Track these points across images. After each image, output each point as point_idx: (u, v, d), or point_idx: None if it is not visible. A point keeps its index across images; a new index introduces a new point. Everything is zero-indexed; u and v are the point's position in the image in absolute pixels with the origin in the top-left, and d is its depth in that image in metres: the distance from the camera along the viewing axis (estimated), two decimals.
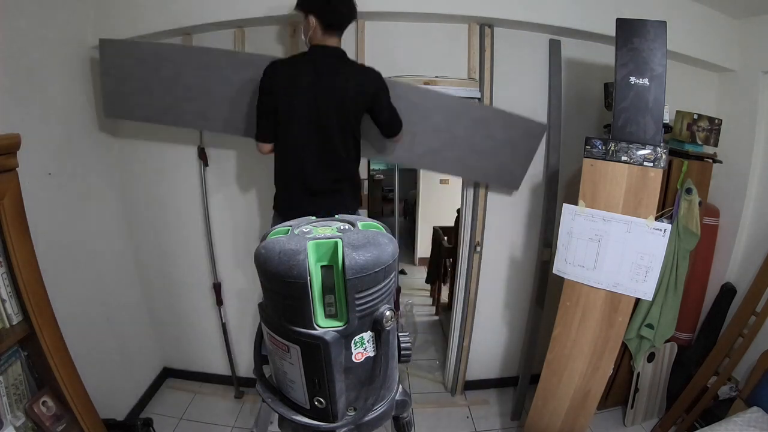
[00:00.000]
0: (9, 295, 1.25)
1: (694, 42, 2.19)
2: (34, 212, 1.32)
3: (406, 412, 0.64)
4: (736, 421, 1.80)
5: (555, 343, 1.95)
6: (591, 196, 1.78)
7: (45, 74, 1.82)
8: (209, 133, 2.23)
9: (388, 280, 0.52)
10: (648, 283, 1.72)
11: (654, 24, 1.64)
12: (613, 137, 1.72)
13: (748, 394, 1.99)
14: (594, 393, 1.93)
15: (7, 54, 1.62)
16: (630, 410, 2.35)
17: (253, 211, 2.38)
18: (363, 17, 2.04)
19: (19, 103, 1.68)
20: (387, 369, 0.55)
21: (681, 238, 2.02)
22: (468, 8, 2.04)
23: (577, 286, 1.85)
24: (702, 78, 2.38)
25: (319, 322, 0.49)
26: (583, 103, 2.32)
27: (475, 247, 2.43)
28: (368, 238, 0.50)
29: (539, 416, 2.09)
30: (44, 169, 1.81)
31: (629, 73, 1.68)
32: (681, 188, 2.01)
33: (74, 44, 1.99)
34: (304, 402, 0.54)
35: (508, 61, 2.22)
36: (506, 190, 2.37)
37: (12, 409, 1.29)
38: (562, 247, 1.87)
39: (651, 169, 1.67)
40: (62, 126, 1.93)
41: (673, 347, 2.35)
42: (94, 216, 2.16)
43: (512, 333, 2.67)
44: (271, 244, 0.49)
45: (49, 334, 1.32)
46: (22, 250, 1.25)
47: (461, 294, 2.55)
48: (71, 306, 1.88)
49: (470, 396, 2.73)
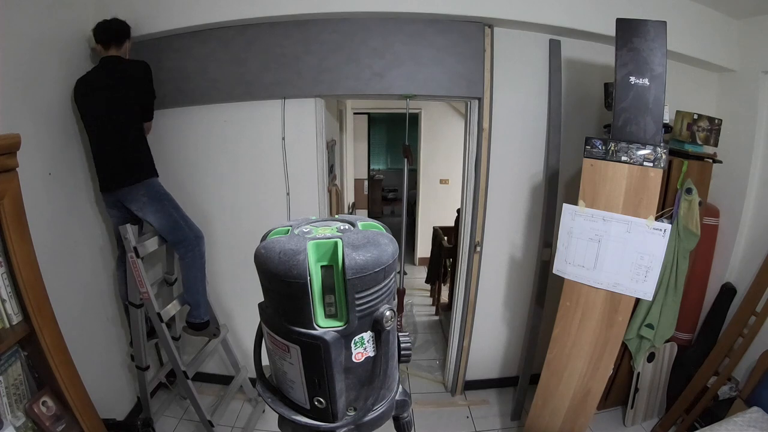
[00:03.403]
0: (9, 295, 1.25)
1: (694, 42, 2.19)
2: (34, 212, 1.32)
3: (406, 412, 0.64)
4: (736, 421, 1.80)
5: (555, 343, 1.95)
6: (591, 196, 1.78)
7: (45, 74, 1.82)
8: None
9: (388, 280, 0.51)
10: (648, 283, 1.72)
11: (654, 24, 1.64)
12: (613, 137, 1.72)
13: (748, 394, 1.99)
14: (594, 393, 1.93)
15: (7, 54, 1.62)
16: (630, 410, 2.35)
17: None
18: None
19: (19, 103, 1.68)
20: (387, 369, 0.55)
21: (681, 238, 2.02)
22: (468, 8, 2.04)
23: (577, 286, 1.85)
24: (702, 78, 2.38)
25: (319, 322, 0.49)
26: (583, 103, 2.32)
27: (475, 247, 2.43)
28: (368, 238, 0.50)
29: (539, 416, 2.09)
30: (44, 169, 1.81)
31: (629, 73, 1.68)
32: (681, 188, 2.01)
33: (74, 44, 1.99)
34: (304, 402, 0.54)
35: (508, 61, 2.22)
36: (470, 100, 2.31)
37: (12, 409, 1.29)
38: (562, 247, 1.87)
39: (651, 169, 1.67)
40: (62, 126, 1.93)
41: (673, 347, 2.35)
42: (95, 216, 2.16)
43: (512, 333, 2.67)
44: (271, 244, 0.49)
45: (49, 334, 1.32)
46: (22, 250, 1.25)
47: (461, 294, 2.56)
48: (71, 306, 1.88)
49: (470, 396, 2.73)
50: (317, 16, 2.08)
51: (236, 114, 2.28)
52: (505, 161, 2.36)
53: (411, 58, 2.14)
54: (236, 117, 2.28)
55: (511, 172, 2.39)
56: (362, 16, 2.09)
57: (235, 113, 2.27)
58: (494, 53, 2.20)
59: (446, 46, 2.14)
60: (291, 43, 2.12)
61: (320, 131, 2.32)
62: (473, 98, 2.27)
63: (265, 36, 2.12)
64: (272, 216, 2.36)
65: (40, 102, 1.80)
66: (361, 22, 2.10)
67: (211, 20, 2.07)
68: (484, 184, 2.35)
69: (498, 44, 2.19)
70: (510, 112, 2.29)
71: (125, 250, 1.95)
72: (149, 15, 2.07)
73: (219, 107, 2.27)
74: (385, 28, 2.11)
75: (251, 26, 2.11)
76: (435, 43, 2.13)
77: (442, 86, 2.19)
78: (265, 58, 2.15)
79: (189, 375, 2.10)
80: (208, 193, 2.40)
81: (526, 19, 2.07)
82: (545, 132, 2.33)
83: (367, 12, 2.05)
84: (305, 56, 2.14)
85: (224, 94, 2.22)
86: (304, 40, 2.12)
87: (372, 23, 2.11)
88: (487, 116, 2.26)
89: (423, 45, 2.13)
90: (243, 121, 2.29)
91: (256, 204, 2.40)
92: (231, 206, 2.42)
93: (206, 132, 2.31)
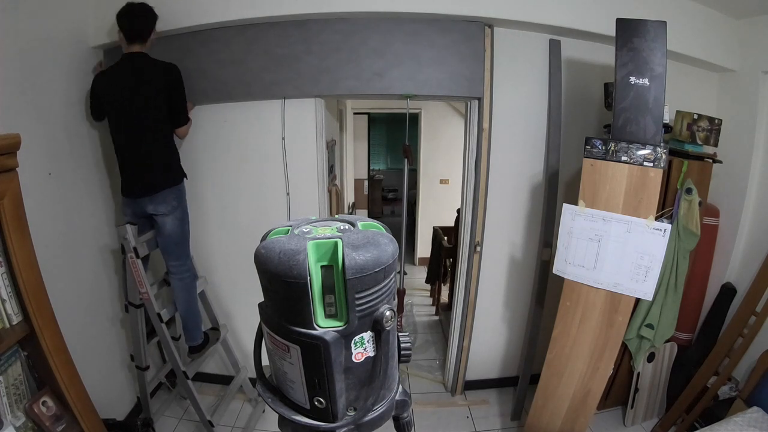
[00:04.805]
0: (9, 295, 1.24)
1: (694, 42, 2.19)
2: (34, 212, 1.32)
3: (406, 412, 0.64)
4: (736, 421, 1.80)
5: (555, 343, 1.95)
6: (591, 196, 1.78)
7: (45, 74, 1.82)
8: None
9: (389, 280, 0.51)
10: (648, 283, 1.72)
11: (654, 24, 1.64)
12: (613, 137, 1.72)
13: (748, 394, 1.99)
14: (594, 393, 1.93)
15: (8, 54, 1.62)
16: (630, 410, 2.35)
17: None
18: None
19: (19, 103, 1.68)
20: (387, 369, 0.55)
21: (681, 238, 2.02)
22: (468, 8, 2.04)
23: (577, 286, 1.85)
24: (702, 78, 2.38)
25: (319, 322, 0.49)
26: (583, 103, 2.32)
27: (475, 247, 2.43)
28: (368, 238, 0.50)
29: (539, 416, 2.09)
30: (44, 169, 1.81)
31: (629, 73, 1.68)
32: (681, 188, 2.01)
33: (74, 44, 1.99)
34: (304, 402, 0.54)
35: (508, 61, 2.22)
36: (470, 100, 2.30)
37: (12, 409, 1.29)
38: (562, 247, 1.87)
39: (651, 169, 1.67)
40: (62, 126, 1.93)
41: (673, 347, 2.35)
42: (95, 216, 2.16)
43: (512, 333, 2.67)
44: (271, 244, 0.49)
45: (49, 334, 1.32)
46: (22, 250, 1.25)
47: (461, 294, 2.55)
48: (71, 306, 1.88)
49: (470, 396, 2.73)
50: (317, 16, 2.08)
51: (236, 114, 2.28)
52: (505, 161, 2.36)
53: (411, 58, 2.14)
54: (236, 117, 2.28)
55: (511, 172, 2.39)
56: (362, 16, 2.09)
57: (235, 113, 2.28)
58: (494, 53, 2.20)
59: (446, 45, 2.14)
60: (291, 43, 2.12)
61: (320, 131, 2.32)
62: (473, 98, 2.27)
63: (265, 36, 2.12)
64: (272, 216, 2.36)
65: (40, 102, 1.80)
66: (361, 22, 2.10)
67: (211, 20, 2.07)
68: (484, 184, 2.35)
69: (498, 44, 2.19)
70: (510, 112, 2.29)
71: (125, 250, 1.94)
72: None
73: (219, 107, 2.27)
74: (385, 27, 2.11)
75: (251, 26, 2.11)
76: (435, 43, 2.13)
77: (442, 86, 2.19)
78: (265, 58, 2.15)
79: (189, 375, 2.11)
80: (209, 192, 2.40)
81: (526, 19, 2.07)
82: (545, 132, 2.33)
83: (367, 12, 2.05)
84: (305, 56, 2.14)
85: (224, 94, 2.22)
86: (304, 40, 2.12)
87: (372, 23, 2.10)
88: (487, 116, 2.26)
89: (423, 45, 2.13)
90: (243, 121, 2.29)
91: (256, 204, 2.40)
92: (231, 206, 2.42)
93: (206, 132, 2.31)
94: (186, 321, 2.16)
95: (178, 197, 2.00)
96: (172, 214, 1.97)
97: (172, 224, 1.99)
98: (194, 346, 2.21)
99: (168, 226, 1.99)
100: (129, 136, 1.90)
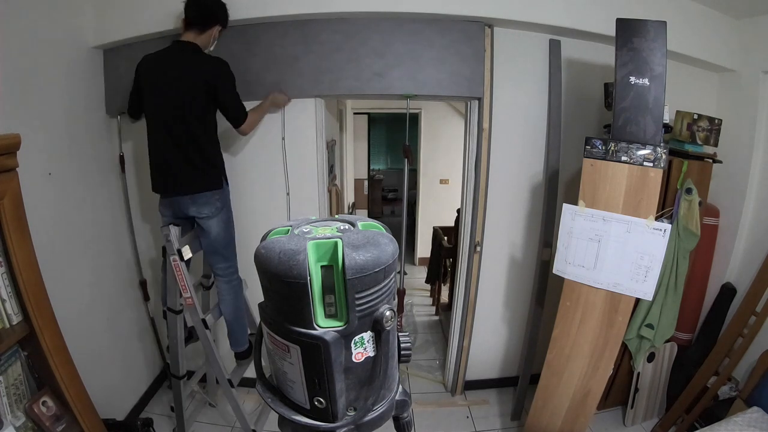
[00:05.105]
0: (9, 295, 1.24)
1: (694, 42, 2.19)
2: (34, 212, 1.32)
3: (406, 412, 0.64)
4: (736, 421, 1.80)
5: (555, 343, 1.95)
6: (591, 196, 1.78)
7: (45, 74, 1.82)
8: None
9: (388, 280, 0.52)
10: (648, 283, 1.72)
11: (654, 24, 1.64)
12: (613, 137, 1.72)
13: (748, 394, 1.99)
14: (594, 393, 1.93)
15: (7, 54, 1.62)
16: (630, 410, 2.35)
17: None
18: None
19: (19, 103, 1.68)
20: (387, 369, 0.55)
21: (681, 238, 2.02)
22: (468, 8, 2.04)
23: (577, 286, 1.85)
24: (702, 78, 2.38)
25: (319, 322, 0.49)
26: (583, 103, 2.32)
27: (475, 247, 2.43)
28: (368, 238, 0.50)
29: (539, 416, 2.09)
30: (44, 169, 1.81)
31: (629, 73, 1.68)
32: (681, 188, 2.01)
33: (74, 44, 1.99)
34: (304, 402, 0.54)
35: (508, 61, 2.22)
36: (471, 100, 2.30)
37: (12, 409, 1.29)
38: (562, 247, 1.87)
39: (651, 169, 1.67)
40: (62, 126, 1.93)
41: (673, 347, 2.35)
42: (94, 216, 2.16)
43: (512, 333, 2.67)
44: (271, 244, 0.49)
45: (49, 334, 1.32)
46: (22, 250, 1.25)
47: (461, 294, 2.56)
48: (71, 306, 1.88)
49: (470, 396, 2.73)
50: (317, 16, 2.07)
51: None
52: (505, 161, 2.36)
53: (411, 58, 2.14)
54: None
55: (511, 172, 2.39)
56: (362, 16, 2.09)
57: None
58: (494, 53, 2.20)
59: (446, 45, 2.14)
60: (291, 43, 2.12)
61: (320, 131, 2.32)
62: (473, 98, 2.27)
63: (266, 36, 2.12)
64: (272, 216, 2.36)
65: (40, 102, 1.80)
66: (361, 22, 2.10)
67: None
68: (484, 184, 2.35)
69: (498, 44, 2.19)
70: (510, 112, 2.29)
71: (167, 252, 1.81)
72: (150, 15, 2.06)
73: None
74: (385, 28, 2.11)
75: (251, 26, 2.11)
76: (435, 43, 2.13)
77: (443, 86, 2.19)
78: (265, 58, 2.15)
79: (234, 383, 2.00)
80: None
81: (526, 19, 2.07)
82: (545, 132, 2.33)
83: (367, 12, 2.05)
84: (305, 56, 2.14)
85: None
86: (304, 40, 2.12)
87: (372, 23, 2.10)
88: (487, 116, 2.26)
89: (423, 45, 2.13)
90: None
91: (256, 204, 2.40)
92: (231, 206, 2.42)
93: None
94: (233, 325, 2.07)
95: (222, 199, 1.91)
96: (216, 216, 1.89)
97: (217, 227, 1.90)
98: (241, 351, 2.13)
99: (214, 228, 1.89)
100: (167, 127, 1.78)
